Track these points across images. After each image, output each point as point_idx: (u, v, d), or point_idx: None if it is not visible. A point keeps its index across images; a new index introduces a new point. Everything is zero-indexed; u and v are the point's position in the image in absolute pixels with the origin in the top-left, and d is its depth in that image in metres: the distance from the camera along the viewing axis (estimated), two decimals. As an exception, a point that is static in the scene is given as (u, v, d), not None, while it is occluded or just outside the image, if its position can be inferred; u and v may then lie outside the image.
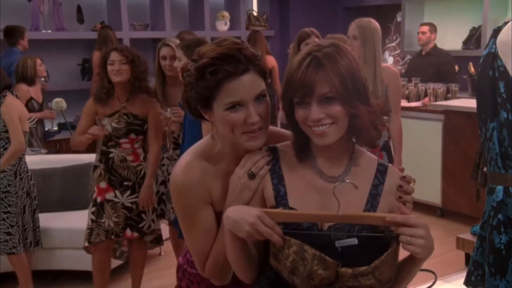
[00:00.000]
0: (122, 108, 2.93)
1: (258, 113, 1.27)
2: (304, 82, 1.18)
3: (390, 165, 1.33)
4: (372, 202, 1.26)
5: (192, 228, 1.33)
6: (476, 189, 3.60)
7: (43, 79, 4.77)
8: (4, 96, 3.06)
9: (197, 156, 1.35)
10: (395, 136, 3.21)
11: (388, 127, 3.17)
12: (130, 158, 2.97)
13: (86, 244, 2.94)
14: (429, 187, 4.72)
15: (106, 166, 2.96)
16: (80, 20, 5.71)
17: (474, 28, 5.65)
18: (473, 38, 5.61)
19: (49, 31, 5.46)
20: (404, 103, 5.01)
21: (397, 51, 6.89)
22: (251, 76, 1.26)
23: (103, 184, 2.94)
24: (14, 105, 3.08)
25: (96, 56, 5.04)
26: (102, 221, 2.92)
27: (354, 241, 1.20)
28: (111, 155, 2.96)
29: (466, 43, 5.69)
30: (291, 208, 1.26)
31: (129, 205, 2.96)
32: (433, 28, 5.40)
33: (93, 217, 2.93)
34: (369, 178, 1.28)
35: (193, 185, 1.31)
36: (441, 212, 4.75)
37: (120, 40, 5.77)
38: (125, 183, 2.96)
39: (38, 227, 3.35)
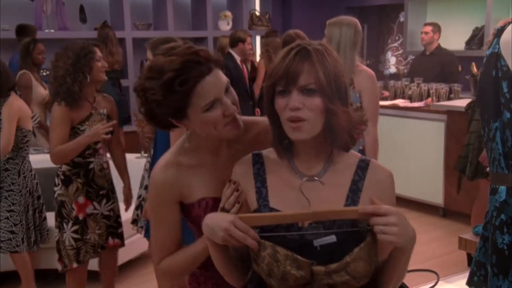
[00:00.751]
0: (94, 109, 2.73)
1: (231, 102, 1.33)
2: (289, 70, 1.19)
3: (373, 160, 1.32)
4: (353, 197, 1.25)
5: (160, 223, 1.42)
6: (458, 180, 3.62)
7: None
8: (8, 95, 3.07)
9: (174, 154, 1.42)
10: (370, 149, 2.93)
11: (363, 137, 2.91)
12: (105, 165, 2.82)
13: (75, 265, 2.74)
14: (431, 187, 4.72)
15: (85, 179, 2.74)
16: (83, 19, 5.72)
17: (477, 28, 5.64)
18: (476, 38, 5.60)
19: (52, 31, 5.47)
20: (406, 103, 5.01)
21: (400, 51, 6.89)
22: (215, 73, 1.30)
23: (81, 199, 2.73)
24: (16, 105, 3.07)
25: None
26: (88, 237, 2.75)
27: (332, 238, 1.19)
28: (91, 166, 2.75)
29: (469, 43, 5.69)
30: (272, 209, 1.26)
31: (108, 213, 2.83)
32: (436, 28, 5.39)
33: (78, 236, 2.72)
34: (349, 175, 1.28)
35: (169, 185, 1.38)
36: (443, 212, 4.75)
37: (123, 39, 5.78)
38: (101, 192, 2.80)
39: (46, 226, 3.33)
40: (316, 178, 1.24)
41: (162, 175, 1.39)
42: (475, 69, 5.18)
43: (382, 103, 4.22)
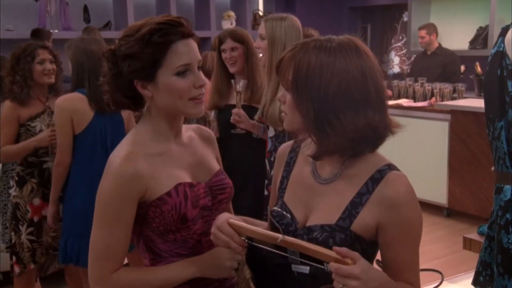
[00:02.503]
0: (47, 107, 2.70)
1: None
2: (277, 66, 1.21)
3: (394, 172, 1.18)
4: (351, 211, 1.17)
5: (113, 225, 1.24)
6: None
7: None
8: None
9: (135, 144, 1.29)
10: None
11: None
12: None
13: (32, 266, 2.69)
14: (435, 187, 4.71)
15: (40, 179, 2.69)
16: (87, 19, 5.72)
17: (481, 27, 5.63)
18: (480, 37, 5.59)
19: (56, 31, 5.48)
20: (410, 103, 5.00)
21: (403, 51, 6.88)
22: (192, 41, 1.28)
23: (37, 201, 2.68)
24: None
25: None
26: (43, 239, 2.72)
27: (306, 269, 1.15)
28: (45, 165, 2.69)
29: (473, 42, 5.67)
30: (284, 203, 1.26)
31: None
32: (431, 29, 5.41)
33: (33, 238, 2.68)
34: (358, 185, 1.19)
35: (131, 177, 1.23)
36: (448, 212, 4.74)
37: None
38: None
39: None
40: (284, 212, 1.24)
41: (126, 167, 1.23)
42: (479, 69, 5.17)
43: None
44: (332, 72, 1.12)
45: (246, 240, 1.20)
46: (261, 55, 2.60)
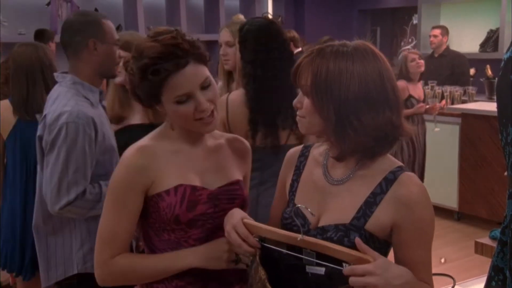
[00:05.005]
0: None
1: (207, 99, 1.29)
2: (293, 72, 1.23)
3: (407, 173, 1.22)
4: (365, 210, 1.19)
5: (118, 211, 1.29)
6: None
7: None
8: None
9: (152, 139, 1.35)
10: None
11: None
12: None
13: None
14: (446, 190, 4.68)
15: None
16: (97, 23, 5.76)
17: (491, 30, 5.60)
18: (491, 40, 5.56)
19: (67, 34, 5.52)
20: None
21: (413, 54, 6.85)
22: (192, 67, 1.27)
23: None
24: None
25: None
26: None
27: (321, 270, 1.15)
28: None
29: (483, 45, 5.64)
30: (295, 205, 1.27)
31: None
32: (444, 31, 5.37)
33: None
34: (372, 185, 1.21)
35: (139, 169, 1.29)
36: (458, 216, 4.71)
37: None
38: None
39: None
40: (299, 205, 1.24)
41: (136, 158, 1.30)
42: (489, 72, 5.14)
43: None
44: (352, 74, 1.16)
45: (258, 241, 1.21)
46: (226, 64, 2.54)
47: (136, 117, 2.20)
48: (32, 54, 2.52)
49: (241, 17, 7.12)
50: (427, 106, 4.29)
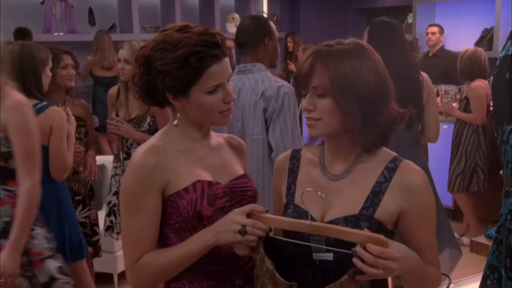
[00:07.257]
0: (64, 111, 2.62)
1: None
2: (301, 73, 1.23)
3: (405, 161, 1.28)
4: (373, 199, 1.23)
5: (137, 214, 1.28)
6: None
7: None
8: None
9: (161, 140, 1.35)
10: None
11: None
12: (80, 169, 2.74)
13: None
14: (439, 189, 4.68)
15: None
16: (92, 22, 5.74)
17: (486, 29, 5.61)
18: (485, 39, 5.57)
19: (61, 34, 5.50)
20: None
21: (408, 53, 6.86)
22: (226, 59, 1.31)
23: None
24: None
25: (88, 60, 5.17)
26: None
27: (329, 256, 1.17)
28: None
29: (478, 44, 5.65)
30: (296, 206, 1.28)
31: (83, 220, 2.78)
32: (441, 30, 5.39)
33: None
34: (374, 176, 1.26)
35: (153, 168, 1.28)
36: (453, 214, 4.72)
37: (131, 42, 5.79)
38: (76, 197, 2.74)
39: None
40: (309, 189, 1.23)
41: (149, 159, 1.28)
42: (484, 71, 5.13)
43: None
44: (367, 69, 1.21)
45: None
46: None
47: None
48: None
49: (236, 16, 7.13)
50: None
